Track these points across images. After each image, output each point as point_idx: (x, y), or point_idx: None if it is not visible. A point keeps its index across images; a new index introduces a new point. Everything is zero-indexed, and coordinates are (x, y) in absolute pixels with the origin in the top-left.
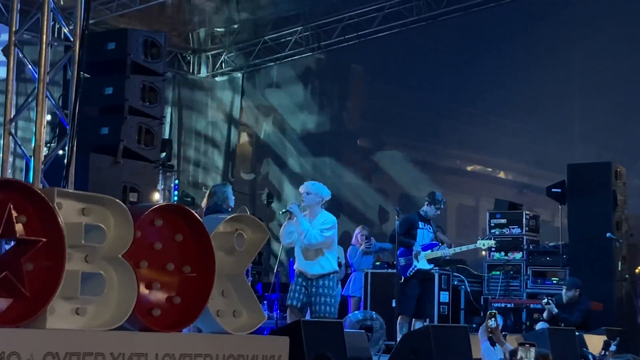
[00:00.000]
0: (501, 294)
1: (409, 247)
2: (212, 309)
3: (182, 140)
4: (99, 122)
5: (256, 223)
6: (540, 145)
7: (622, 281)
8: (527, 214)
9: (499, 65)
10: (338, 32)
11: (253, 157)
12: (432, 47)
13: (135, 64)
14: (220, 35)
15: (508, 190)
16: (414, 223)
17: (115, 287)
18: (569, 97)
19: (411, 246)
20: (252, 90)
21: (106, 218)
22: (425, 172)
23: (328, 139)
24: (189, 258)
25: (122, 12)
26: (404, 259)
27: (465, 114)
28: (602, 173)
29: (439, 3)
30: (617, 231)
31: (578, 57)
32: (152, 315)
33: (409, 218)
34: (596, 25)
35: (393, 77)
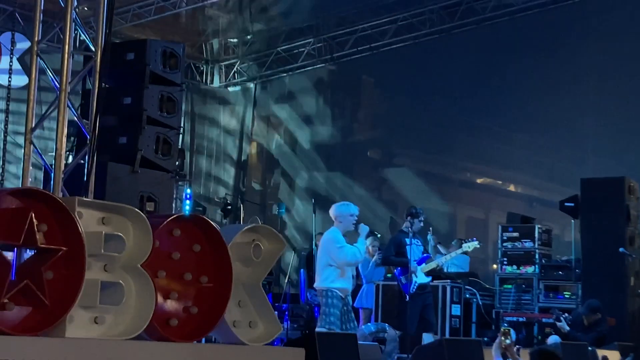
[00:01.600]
0: (513, 307)
1: (401, 265)
2: (229, 319)
3: (195, 150)
4: (117, 131)
5: (273, 234)
6: (553, 159)
7: (635, 296)
8: (539, 228)
9: (512, 79)
10: (351, 44)
11: (264, 168)
12: (445, 59)
13: (153, 74)
14: (234, 45)
15: (519, 203)
16: (401, 242)
17: (134, 296)
18: (582, 111)
19: (406, 264)
20: (264, 100)
21: (126, 227)
22: (436, 184)
23: (339, 150)
24: (207, 268)
25: (136, 22)
26: (404, 277)
27: (477, 127)
28: (615, 188)
29: (453, 16)
30: (630, 246)
31: (592, 72)
32: (169, 325)
33: (395, 239)
34: (611, 40)
35: (405, 89)
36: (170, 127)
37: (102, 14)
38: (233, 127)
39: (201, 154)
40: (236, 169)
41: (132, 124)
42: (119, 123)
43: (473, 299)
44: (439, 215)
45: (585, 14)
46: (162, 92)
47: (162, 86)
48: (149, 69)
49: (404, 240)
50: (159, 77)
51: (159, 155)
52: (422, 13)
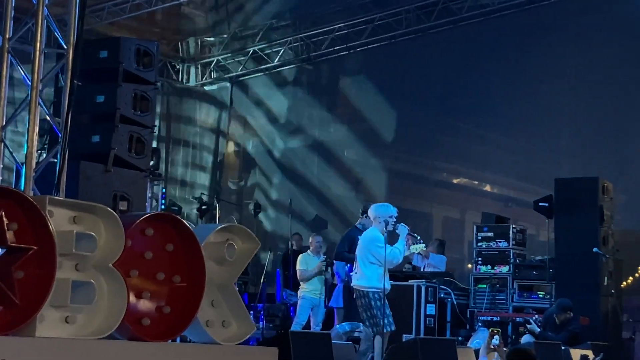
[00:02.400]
0: (487, 307)
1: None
2: (202, 319)
3: (170, 149)
4: (90, 130)
5: (247, 233)
6: (528, 159)
7: (608, 296)
8: (514, 228)
9: (488, 79)
10: (327, 44)
11: (240, 167)
12: (421, 59)
13: (127, 72)
14: (210, 44)
15: (495, 203)
16: (354, 238)
17: (106, 295)
18: (557, 112)
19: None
20: (241, 99)
21: (97, 226)
22: (412, 184)
23: (315, 150)
24: (180, 268)
25: (112, 20)
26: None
27: (453, 127)
28: (589, 188)
29: (429, 16)
30: (604, 246)
31: (566, 73)
32: (141, 324)
33: (349, 234)
34: (585, 41)
35: (381, 88)
36: (144, 125)
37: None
38: (209, 126)
39: (177, 153)
40: (212, 169)
41: (105, 122)
42: (92, 121)
43: (448, 298)
44: (416, 215)
45: (560, 16)
46: (135, 91)
47: (135, 84)
48: (122, 67)
49: (357, 237)
50: (133, 75)
51: (132, 154)
52: (399, 13)
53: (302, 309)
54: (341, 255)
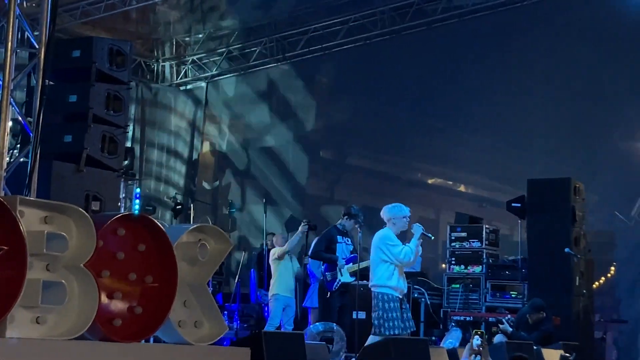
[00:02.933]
0: (460, 307)
1: (329, 262)
2: (174, 319)
3: (145, 149)
4: (62, 129)
5: (219, 233)
6: (501, 159)
7: (580, 296)
8: (487, 228)
9: (462, 80)
10: (303, 44)
11: (215, 167)
12: (396, 60)
13: (100, 72)
14: (186, 44)
15: (468, 203)
16: (333, 238)
17: (77, 296)
18: (530, 113)
19: (334, 261)
20: (215, 100)
21: (69, 227)
22: (388, 184)
23: (291, 150)
24: (152, 268)
25: (85, 19)
26: (330, 274)
27: (428, 127)
28: (561, 189)
29: (403, 17)
30: (576, 247)
31: (541, 74)
32: (113, 325)
33: (328, 233)
34: (558, 42)
35: (357, 89)
36: (116, 125)
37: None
38: (184, 126)
39: (151, 153)
40: (187, 169)
41: (78, 122)
42: (65, 121)
43: (421, 298)
44: None
45: (534, 17)
46: (108, 90)
47: (108, 84)
48: (95, 66)
49: (336, 237)
50: (106, 75)
51: (105, 154)
52: (373, 14)
53: (276, 310)
54: (317, 253)
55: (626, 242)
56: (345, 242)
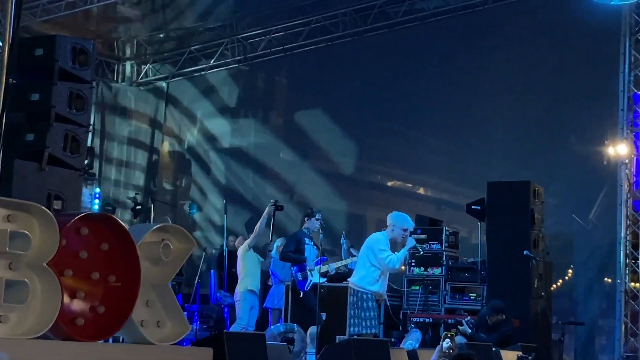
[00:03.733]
0: (420, 308)
1: (300, 263)
2: (136, 319)
3: (105, 148)
4: (24, 128)
5: (183, 233)
6: (461, 162)
7: (538, 298)
8: (447, 230)
9: (423, 83)
10: (264, 45)
11: (176, 167)
12: (358, 62)
13: (62, 70)
14: (146, 43)
15: (428, 206)
16: (301, 240)
17: (39, 295)
18: (490, 116)
19: (303, 262)
20: (176, 99)
21: (32, 225)
22: (347, 186)
23: (251, 151)
24: (115, 267)
25: (46, 17)
26: (301, 274)
27: (389, 130)
28: (520, 192)
29: (365, 19)
30: (534, 249)
31: (500, 78)
32: (75, 324)
33: (296, 236)
34: (518, 47)
35: (317, 91)
36: (79, 124)
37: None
38: (145, 126)
39: (112, 153)
40: (147, 169)
41: (40, 121)
42: (27, 120)
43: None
44: (350, 217)
45: (494, 21)
46: (71, 89)
47: (71, 83)
48: (58, 65)
49: (304, 239)
50: (69, 73)
51: (67, 153)
52: (335, 16)
53: (244, 310)
54: (286, 255)
55: (584, 245)
56: (311, 245)
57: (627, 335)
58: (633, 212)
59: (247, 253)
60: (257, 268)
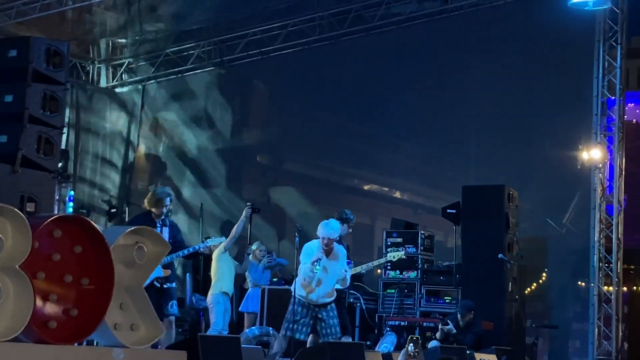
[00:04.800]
0: (395, 311)
1: None
2: (110, 322)
3: (79, 151)
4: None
5: (157, 236)
6: (436, 166)
7: (513, 302)
8: (422, 234)
9: (399, 87)
10: (241, 48)
11: (151, 170)
12: (334, 66)
13: (36, 72)
14: (122, 46)
15: (404, 209)
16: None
17: (11, 298)
18: (466, 121)
19: None
20: (152, 102)
21: (4, 227)
22: (324, 190)
23: (228, 154)
24: (88, 270)
25: (21, 19)
26: None
27: (364, 134)
28: (495, 196)
29: (342, 23)
30: (509, 253)
31: (476, 82)
32: (48, 327)
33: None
34: (493, 52)
35: (294, 94)
36: (53, 126)
37: None
38: (120, 128)
39: (86, 156)
40: (122, 172)
41: (14, 122)
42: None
43: (357, 303)
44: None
45: (470, 26)
46: (45, 91)
47: (45, 84)
48: (31, 66)
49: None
50: (43, 75)
51: (40, 155)
52: (313, 19)
53: (218, 314)
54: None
55: (558, 248)
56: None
57: (601, 339)
58: (606, 216)
59: (222, 255)
60: (232, 271)
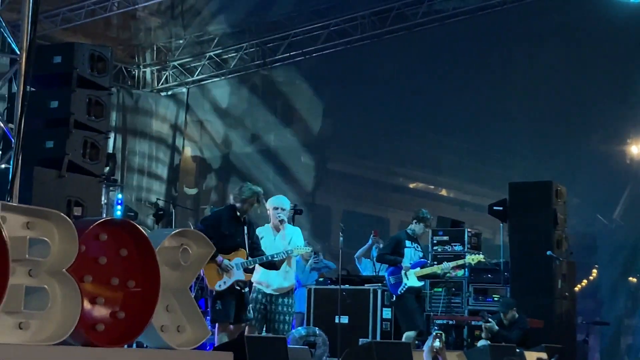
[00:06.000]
0: (443, 310)
1: (394, 265)
2: (156, 324)
3: (126, 155)
4: (44, 135)
5: (201, 238)
6: (482, 163)
7: (562, 299)
8: (469, 232)
9: (443, 84)
10: (283, 49)
11: (197, 172)
12: (376, 65)
13: (81, 77)
14: (166, 50)
15: (450, 207)
16: (401, 242)
17: (59, 301)
18: (511, 116)
19: (397, 263)
20: (196, 105)
21: (51, 232)
22: (369, 189)
23: (272, 155)
24: (134, 273)
25: (67, 25)
26: (394, 277)
27: (409, 132)
28: (543, 192)
29: (384, 22)
30: (558, 249)
31: (521, 77)
32: (95, 330)
33: (397, 237)
34: (538, 45)
35: (337, 94)
36: (98, 131)
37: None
38: (166, 131)
39: (133, 159)
40: (169, 174)
41: (59, 128)
42: (46, 127)
43: None
44: (372, 219)
45: (513, 20)
46: (90, 96)
47: (90, 90)
48: (76, 72)
49: (404, 242)
50: (87, 80)
51: (86, 159)
52: (354, 18)
53: None
54: (382, 257)
55: (608, 244)
56: (414, 248)
57: None
58: None
59: None
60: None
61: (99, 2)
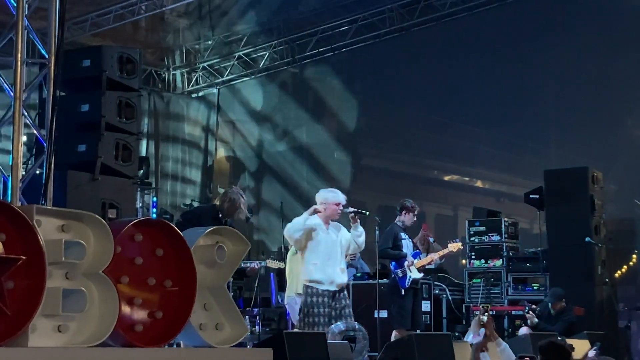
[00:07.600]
0: (482, 301)
1: (397, 259)
2: (195, 322)
3: (160, 158)
4: (76, 139)
5: (237, 235)
6: (517, 152)
7: (603, 285)
8: (505, 221)
9: (474, 74)
10: (312, 45)
11: (230, 172)
12: (406, 57)
13: (110, 80)
14: (195, 51)
15: (486, 198)
16: (398, 235)
17: (97, 303)
18: (543, 103)
19: (401, 257)
20: (227, 105)
21: (86, 234)
22: (403, 183)
23: (305, 152)
24: (170, 272)
25: (95, 31)
26: (400, 270)
27: (441, 124)
28: (579, 178)
29: (412, 14)
30: (596, 235)
31: (552, 64)
32: (134, 330)
33: (392, 231)
34: (570, 31)
35: (368, 88)
36: (129, 132)
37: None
38: (198, 133)
39: (166, 161)
40: (202, 175)
41: (91, 131)
42: (78, 131)
43: (443, 294)
44: None
45: (544, 7)
46: (120, 98)
47: (119, 92)
48: (105, 75)
49: (400, 234)
50: (116, 83)
51: (119, 161)
52: (382, 12)
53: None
54: (385, 252)
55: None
56: (407, 239)
57: None
58: None
59: (295, 256)
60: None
61: (126, 6)
